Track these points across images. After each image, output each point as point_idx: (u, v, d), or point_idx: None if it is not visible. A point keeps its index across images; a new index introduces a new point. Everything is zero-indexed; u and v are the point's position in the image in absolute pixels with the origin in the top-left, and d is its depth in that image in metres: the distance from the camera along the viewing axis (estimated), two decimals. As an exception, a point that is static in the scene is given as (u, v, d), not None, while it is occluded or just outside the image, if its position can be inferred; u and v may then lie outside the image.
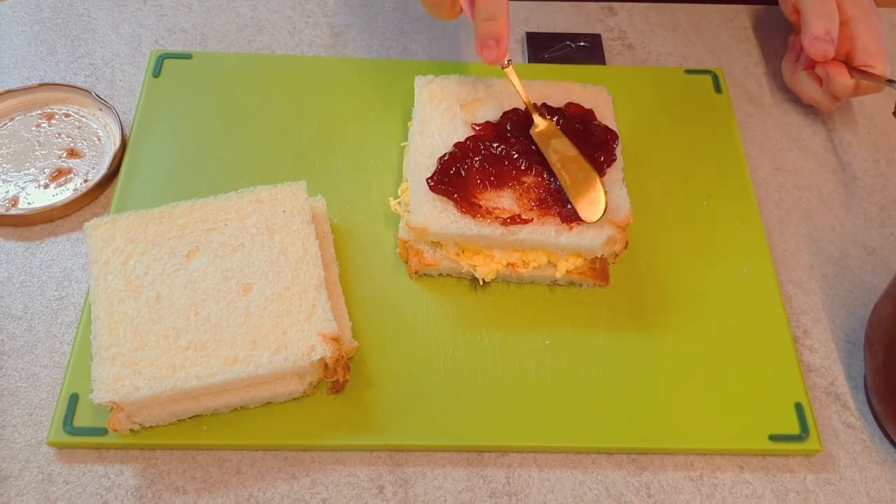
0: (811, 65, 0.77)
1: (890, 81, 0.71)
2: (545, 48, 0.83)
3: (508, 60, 0.65)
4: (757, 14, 0.89)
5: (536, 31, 0.85)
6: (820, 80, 0.76)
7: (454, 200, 0.63)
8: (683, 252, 0.69)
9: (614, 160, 0.66)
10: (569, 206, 0.62)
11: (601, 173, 0.65)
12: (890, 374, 0.59)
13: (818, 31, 0.73)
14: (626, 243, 0.63)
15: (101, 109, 0.75)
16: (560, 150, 0.65)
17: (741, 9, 0.89)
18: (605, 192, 0.63)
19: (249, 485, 0.58)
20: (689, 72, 0.81)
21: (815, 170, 0.77)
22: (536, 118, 0.66)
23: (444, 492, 0.58)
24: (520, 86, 0.67)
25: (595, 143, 0.66)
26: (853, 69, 0.73)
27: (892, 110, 0.72)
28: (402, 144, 0.73)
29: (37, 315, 0.64)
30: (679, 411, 0.61)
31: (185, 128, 0.74)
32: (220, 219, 0.62)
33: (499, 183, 0.64)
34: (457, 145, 0.66)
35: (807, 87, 0.78)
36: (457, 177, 0.64)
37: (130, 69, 0.80)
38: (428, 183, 0.64)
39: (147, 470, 0.58)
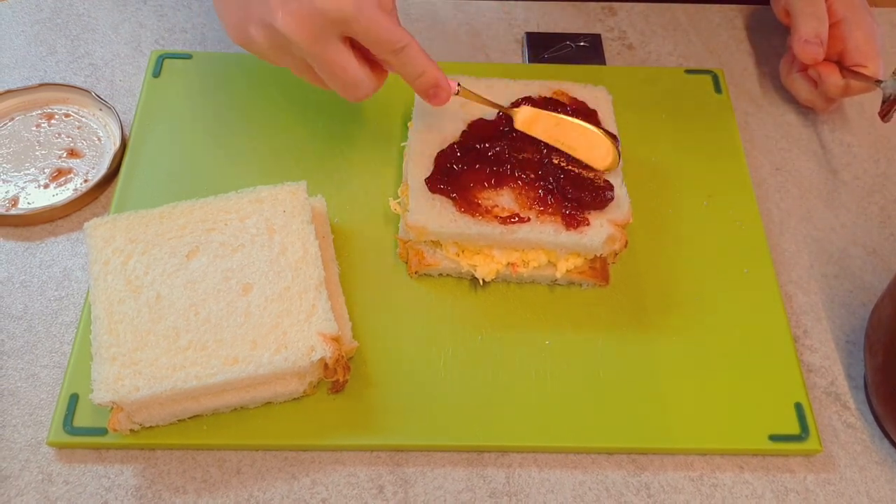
0: (805, 66, 0.77)
1: (878, 82, 0.71)
2: (545, 48, 0.83)
3: (458, 85, 0.63)
4: (757, 14, 0.89)
5: (536, 31, 0.85)
6: (814, 82, 0.77)
7: (453, 199, 0.63)
8: (683, 252, 0.69)
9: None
10: (568, 211, 0.62)
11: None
12: (890, 374, 0.59)
13: (807, 34, 0.73)
14: (626, 242, 0.63)
15: (101, 109, 0.75)
16: (548, 127, 0.65)
17: (741, 9, 0.89)
18: (609, 137, 0.65)
19: (249, 485, 0.58)
20: (689, 72, 0.81)
21: (815, 170, 0.77)
22: (513, 112, 0.66)
23: (444, 492, 0.58)
24: (481, 98, 0.65)
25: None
26: (844, 69, 0.73)
27: (878, 111, 0.72)
28: (402, 144, 0.73)
29: (37, 315, 0.64)
30: (679, 411, 0.61)
31: (185, 128, 0.74)
32: (220, 219, 0.62)
33: (497, 181, 0.64)
34: (452, 144, 0.66)
35: (801, 88, 0.78)
36: (454, 175, 0.64)
37: (130, 69, 0.80)
38: (426, 183, 0.64)
39: (147, 470, 0.58)
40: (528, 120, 0.66)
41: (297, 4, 0.54)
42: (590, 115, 0.68)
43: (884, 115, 0.71)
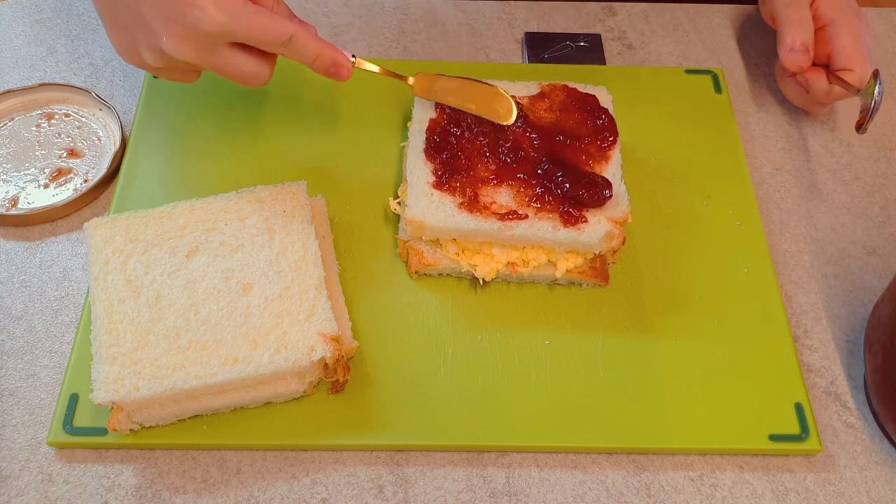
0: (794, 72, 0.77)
1: (858, 91, 0.71)
2: (545, 48, 0.83)
3: (353, 56, 0.64)
4: (757, 14, 0.88)
5: (536, 31, 0.85)
6: (804, 86, 0.77)
7: (454, 188, 0.63)
8: (683, 252, 0.69)
9: (614, 144, 0.67)
10: (566, 208, 0.62)
11: (604, 159, 0.66)
12: (890, 374, 0.59)
13: (792, 42, 0.73)
14: (624, 240, 0.63)
15: (101, 109, 0.75)
16: (448, 88, 0.68)
17: (741, 9, 0.89)
18: (511, 98, 0.67)
19: (249, 485, 0.58)
20: (689, 72, 0.81)
21: (815, 170, 0.77)
22: (408, 79, 0.69)
23: (444, 492, 0.58)
24: (374, 66, 0.67)
25: (594, 127, 0.67)
26: (831, 74, 0.73)
27: (856, 121, 0.71)
28: (402, 144, 0.73)
29: (37, 315, 0.64)
30: (679, 411, 0.61)
31: (185, 128, 0.74)
32: (220, 219, 0.62)
33: (493, 157, 0.65)
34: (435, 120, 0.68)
35: (793, 92, 0.78)
36: (450, 144, 0.66)
37: (130, 69, 0.80)
38: (424, 153, 0.66)
39: (147, 470, 0.58)
40: (424, 85, 0.69)
41: (177, 27, 0.55)
42: (599, 111, 0.68)
43: (859, 126, 0.71)
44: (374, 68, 0.67)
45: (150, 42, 0.57)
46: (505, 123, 0.66)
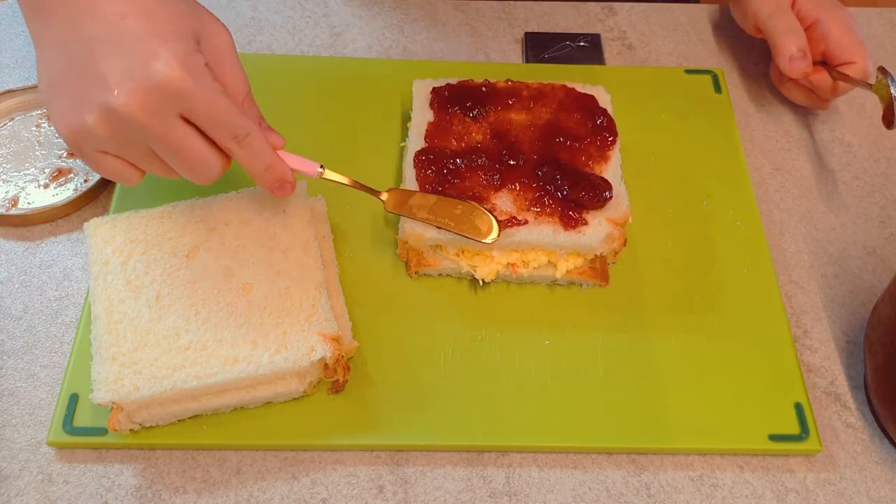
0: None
1: (869, 84, 0.71)
2: (545, 48, 0.83)
3: (321, 166, 0.59)
4: (757, 14, 0.89)
5: (536, 31, 0.85)
6: (807, 87, 0.77)
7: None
8: (683, 252, 0.69)
9: (613, 144, 0.67)
10: (565, 211, 0.62)
11: (603, 159, 0.66)
12: (890, 374, 0.59)
13: (790, 51, 0.73)
14: (625, 241, 0.63)
15: (101, 109, 0.75)
16: (424, 204, 0.63)
17: (741, 9, 0.89)
18: (491, 214, 0.62)
19: (249, 485, 0.58)
20: (689, 72, 0.81)
21: (815, 170, 0.77)
22: (383, 194, 0.63)
23: (444, 492, 0.58)
24: (343, 178, 0.61)
25: (594, 127, 0.67)
26: (833, 71, 0.73)
27: (881, 116, 0.71)
28: (402, 144, 0.73)
29: (37, 315, 0.64)
30: (679, 411, 0.61)
31: (185, 128, 0.74)
32: (220, 219, 0.62)
33: (494, 171, 0.65)
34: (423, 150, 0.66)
35: (798, 94, 0.79)
36: (446, 147, 0.65)
37: (130, 69, 0.79)
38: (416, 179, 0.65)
39: (147, 470, 0.58)
40: (397, 200, 0.63)
41: (133, 82, 0.48)
42: (597, 111, 0.68)
43: (889, 123, 0.70)
44: (344, 180, 0.61)
45: (98, 100, 0.49)
46: (485, 241, 0.61)
